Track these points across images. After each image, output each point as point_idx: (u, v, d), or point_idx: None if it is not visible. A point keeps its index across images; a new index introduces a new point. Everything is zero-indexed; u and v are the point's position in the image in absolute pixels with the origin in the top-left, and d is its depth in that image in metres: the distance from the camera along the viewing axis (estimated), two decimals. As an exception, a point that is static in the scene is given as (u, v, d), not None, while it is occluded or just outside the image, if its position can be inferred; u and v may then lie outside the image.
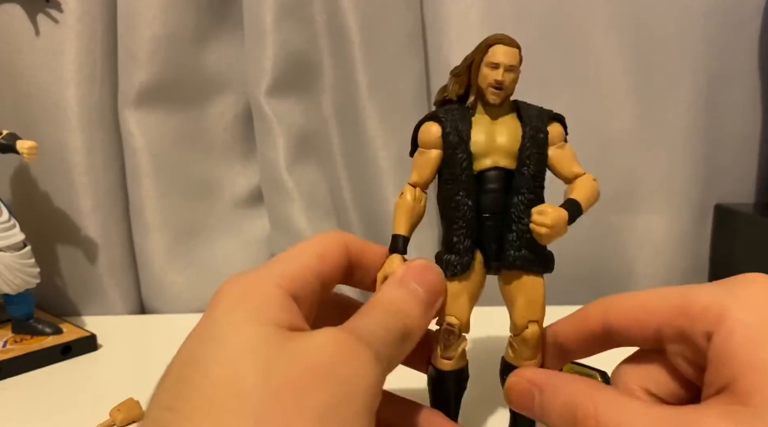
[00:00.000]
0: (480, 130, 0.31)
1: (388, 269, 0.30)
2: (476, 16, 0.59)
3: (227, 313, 0.24)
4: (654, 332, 0.26)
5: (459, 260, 0.30)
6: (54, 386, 0.46)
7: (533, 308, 0.31)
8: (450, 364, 0.32)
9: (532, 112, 0.31)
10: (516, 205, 0.30)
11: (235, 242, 0.65)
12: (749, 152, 0.65)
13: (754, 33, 0.62)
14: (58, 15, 0.55)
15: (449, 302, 0.31)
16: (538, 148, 0.30)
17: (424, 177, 0.31)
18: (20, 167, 0.59)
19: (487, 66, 0.30)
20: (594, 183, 0.31)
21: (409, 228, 0.31)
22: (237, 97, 0.64)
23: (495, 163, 0.30)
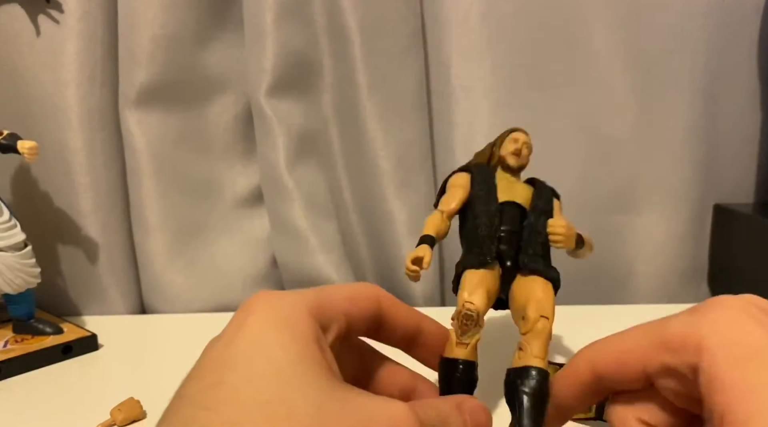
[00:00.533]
0: (501, 182, 0.37)
1: (418, 250, 0.34)
2: (476, 16, 0.59)
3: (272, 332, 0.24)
4: (640, 372, 0.26)
5: (483, 254, 0.34)
6: (55, 385, 0.46)
7: (545, 306, 0.32)
8: (464, 352, 0.32)
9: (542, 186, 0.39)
10: (529, 226, 0.35)
11: (235, 241, 0.65)
12: (749, 152, 0.65)
13: (754, 33, 0.62)
14: (58, 15, 0.56)
15: (470, 289, 0.33)
16: (544, 208, 0.37)
17: (450, 208, 0.36)
18: (21, 167, 0.59)
19: (509, 142, 0.39)
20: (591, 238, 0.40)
21: (435, 234, 0.35)
22: (237, 97, 0.64)
23: (514, 199, 0.36)
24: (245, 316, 0.25)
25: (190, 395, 0.22)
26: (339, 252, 0.63)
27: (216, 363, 0.23)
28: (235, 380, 0.22)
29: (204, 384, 0.22)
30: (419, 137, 0.62)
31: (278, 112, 0.60)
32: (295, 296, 0.26)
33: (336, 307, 0.28)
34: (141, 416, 0.40)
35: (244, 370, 0.22)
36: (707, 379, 0.23)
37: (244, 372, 0.22)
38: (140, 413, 0.40)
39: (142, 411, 0.40)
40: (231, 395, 0.21)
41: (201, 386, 0.22)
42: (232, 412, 0.20)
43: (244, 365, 0.22)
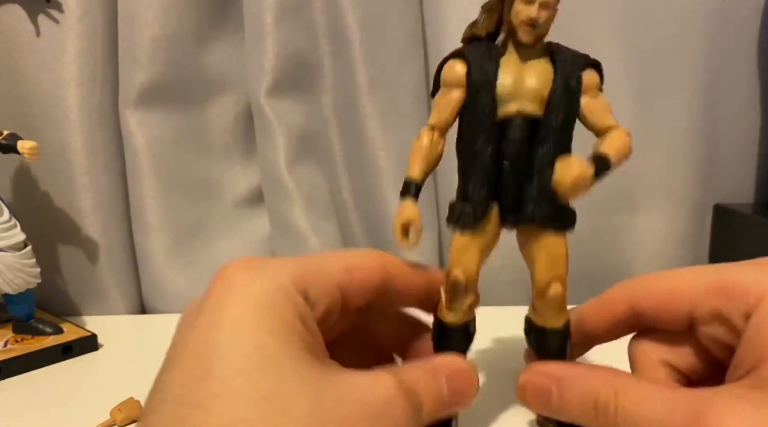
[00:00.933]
0: (508, 71, 0.28)
1: (403, 214, 0.28)
2: (476, 16, 0.59)
3: (257, 313, 0.22)
4: (686, 313, 0.25)
5: (473, 210, 0.28)
6: (54, 385, 0.46)
7: (555, 266, 0.28)
8: (454, 316, 0.30)
9: (566, 55, 0.29)
10: (540, 157, 0.28)
11: (235, 241, 0.65)
12: (749, 152, 0.65)
13: (754, 33, 0.62)
14: (58, 15, 0.56)
15: (458, 254, 0.29)
16: (569, 94, 0.28)
17: (443, 119, 0.29)
18: (21, 167, 0.59)
19: (521, 1, 0.27)
20: (627, 138, 0.29)
21: (422, 173, 0.29)
22: (237, 97, 0.64)
23: (520, 110, 0.28)
24: (225, 291, 0.23)
25: (175, 387, 0.21)
26: (339, 252, 0.63)
27: (199, 350, 0.21)
28: (224, 373, 0.20)
29: (190, 375, 0.21)
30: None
31: (278, 112, 0.60)
32: (278, 266, 0.25)
33: (328, 279, 0.26)
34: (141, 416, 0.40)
35: (233, 360, 0.21)
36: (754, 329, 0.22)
37: (233, 363, 0.21)
38: (140, 413, 0.40)
39: (142, 411, 0.40)
40: (222, 391, 0.20)
41: (187, 378, 0.21)
42: (227, 412, 0.19)
43: (232, 354, 0.21)
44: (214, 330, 0.22)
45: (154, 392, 0.21)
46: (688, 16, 0.59)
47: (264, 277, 0.24)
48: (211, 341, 0.22)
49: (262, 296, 0.23)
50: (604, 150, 0.27)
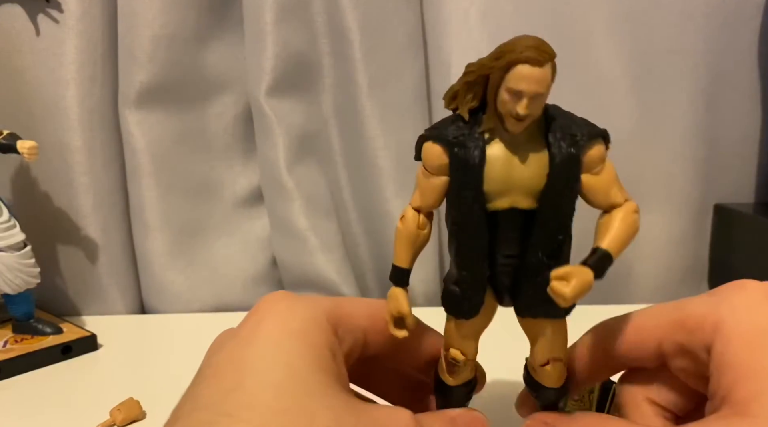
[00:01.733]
0: (496, 164, 0.24)
1: (392, 308, 0.27)
2: (476, 16, 0.59)
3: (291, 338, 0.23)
4: (655, 350, 0.26)
5: (468, 303, 0.27)
6: (54, 385, 0.46)
7: (554, 347, 0.27)
8: (455, 382, 0.29)
9: (563, 130, 0.24)
10: (534, 255, 0.25)
11: (235, 241, 0.65)
12: (749, 152, 0.65)
13: (754, 33, 0.62)
14: (58, 15, 0.56)
15: (455, 338, 0.28)
16: (567, 184, 0.24)
17: (427, 203, 0.26)
18: (21, 167, 0.59)
19: (507, 92, 0.23)
20: (634, 217, 0.26)
21: (410, 259, 0.27)
22: (237, 97, 0.64)
23: (513, 205, 0.25)
24: (262, 317, 0.24)
25: (206, 397, 0.21)
26: (339, 252, 0.63)
27: (233, 365, 0.22)
28: (254, 386, 0.21)
29: (221, 387, 0.22)
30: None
31: (278, 112, 0.60)
32: (313, 302, 0.26)
33: (355, 321, 0.27)
34: (140, 417, 0.40)
35: (264, 375, 0.22)
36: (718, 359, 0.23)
37: (264, 378, 0.21)
38: (140, 413, 0.40)
39: (142, 411, 0.40)
40: (250, 402, 0.21)
41: (218, 389, 0.21)
42: (252, 420, 0.20)
43: (264, 371, 0.22)
44: (248, 347, 0.23)
45: (183, 403, 0.22)
46: (689, 16, 0.59)
47: (300, 307, 0.25)
48: (244, 356, 0.23)
49: (296, 324, 0.24)
50: (604, 244, 0.24)
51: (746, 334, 0.23)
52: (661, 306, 0.27)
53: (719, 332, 0.23)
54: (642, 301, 0.66)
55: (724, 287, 0.25)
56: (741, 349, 0.23)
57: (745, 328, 0.23)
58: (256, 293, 0.64)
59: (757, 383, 0.22)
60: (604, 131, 0.25)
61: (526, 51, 0.23)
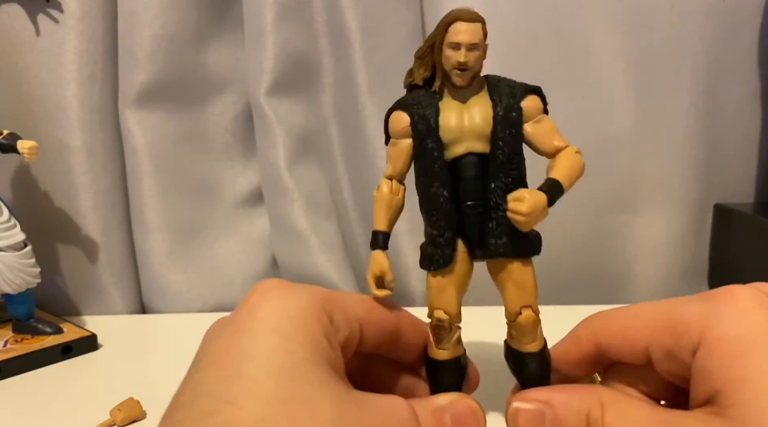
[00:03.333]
0: (449, 116, 0.29)
1: (375, 267, 0.30)
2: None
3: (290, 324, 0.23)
4: (643, 350, 0.27)
5: (441, 253, 0.29)
6: (54, 385, 0.46)
7: (524, 294, 0.29)
8: (446, 353, 0.31)
9: (502, 88, 0.29)
10: (493, 191, 0.29)
11: (235, 241, 0.65)
12: (749, 152, 0.65)
13: (754, 33, 0.62)
14: (58, 15, 0.56)
15: (435, 295, 0.30)
16: (510, 127, 0.28)
17: (398, 169, 0.31)
18: (21, 167, 0.59)
19: (448, 47, 0.28)
20: (577, 156, 0.29)
21: (388, 222, 0.31)
22: (237, 97, 0.64)
23: (468, 149, 0.29)
24: (256, 303, 0.24)
25: (207, 385, 0.21)
26: (339, 252, 0.63)
27: (232, 352, 0.22)
28: (255, 373, 0.21)
29: (222, 375, 0.21)
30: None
31: (278, 112, 0.60)
32: (308, 290, 0.26)
33: (350, 311, 0.27)
34: (141, 416, 0.40)
35: (264, 363, 0.22)
36: (700, 365, 0.24)
37: (264, 365, 0.21)
38: (140, 413, 0.40)
39: (142, 411, 0.40)
40: (252, 389, 0.21)
41: (219, 377, 0.21)
42: (255, 408, 0.20)
43: (264, 358, 0.22)
44: (246, 334, 0.23)
45: (182, 391, 0.22)
46: (689, 17, 0.59)
47: (296, 294, 0.25)
48: (242, 344, 0.23)
49: (293, 310, 0.24)
50: (554, 175, 0.28)
51: (730, 343, 0.23)
52: (652, 305, 0.28)
53: (704, 340, 0.24)
54: (642, 301, 0.65)
55: (715, 293, 0.26)
56: (725, 358, 0.23)
57: (730, 337, 0.23)
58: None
59: (738, 392, 0.22)
60: (537, 87, 0.30)
61: (460, 12, 0.28)
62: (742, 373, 0.22)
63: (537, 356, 0.30)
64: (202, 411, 0.20)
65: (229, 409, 0.20)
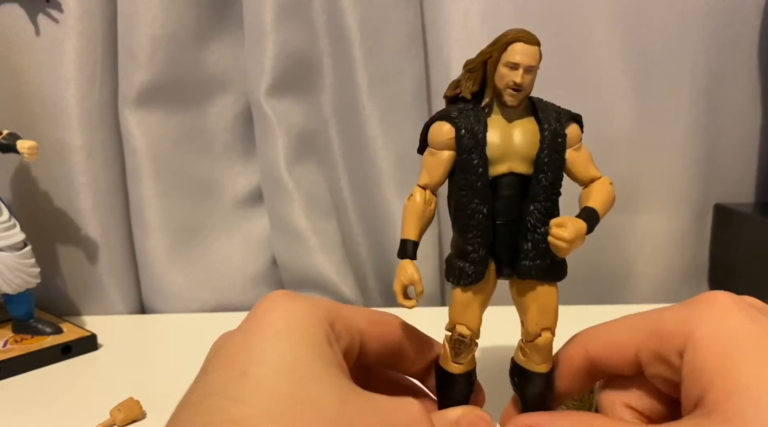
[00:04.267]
0: (496, 134, 0.29)
1: (403, 277, 0.29)
2: (476, 16, 0.59)
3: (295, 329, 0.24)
4: (633, 357, 0.28)
5: (473, 270, 0.29)
6: (54, 385, 0.46)
7: (547, 316, 0.30)
8: (460, 368, 0.31)
9: (549, 112, 0.29)
10: (532, 213, 0.29)
11: (235, 241, 0.65)
12: (749, 152, 0.65)
13: (754, 33, 0.62)
14: (58, 15, 0.56)
15: (460, 310, 0.30)
16: (556, 153, 0.29)
17: (435, 180, 0.30)
18: (21, 167, 0.59)
19: (505, 66, 0.28)
20: (610, 187, 0.30)
21: (418, 232, 0.30)
22: (237, 97, 0.64)
23: (511, 169, 0.29)
24: (265, 311, 0.25)
25: (215, 385, 0.22)
26: (339, 252, 0.63)
27: (239, 355, 0.23)
28: (262, 372, 0.22)
29: (230, 375, 0.22)
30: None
31: (278, 112, 0.60)
32: (313, 300, 0.27)
33: (351, 322, 0.28)
34: (140, 416, 0.40)
35: (269, 363, 0.22)
36: (689, 366, 0.25)
37: (271, 364, 0.22)
38: (140, 413, 0.40)
39: (142, 411, 0.40)
40: (258, 387, 0.21)
41: (226, 377, 0.22)
42: (261, 404, 0.21)
43: (269, 358, 0.23)
44: (253, 338, 0.24)
45: (192, 391, 0.23)
46: (688, 16, 0.59)
47: (300, 304, 0.26)
48: (249, 346, 0.24)
49: (299, 318, 0.25)
50: (593, 205, 0.29)
51: (714, 343, 0.24)
52: (639, 315, 0.29)
53: (690, 341, 0.25)
54: (642, 301, 0.66)
55: (696, 299, 0.27)
56: (710, 357, 0.24)
57: (713, 337, 0.25)
58: (256, 293, 0.64)
59: (724, 387, 0.23)
60: (579, 116, 0.30)
61: (520, 33, 0.28)
62: (724, 371, 0.23)
63: (545, 376, 0.31)
64: (209, 409, 0.21)
65: (235, 405, 0.21)
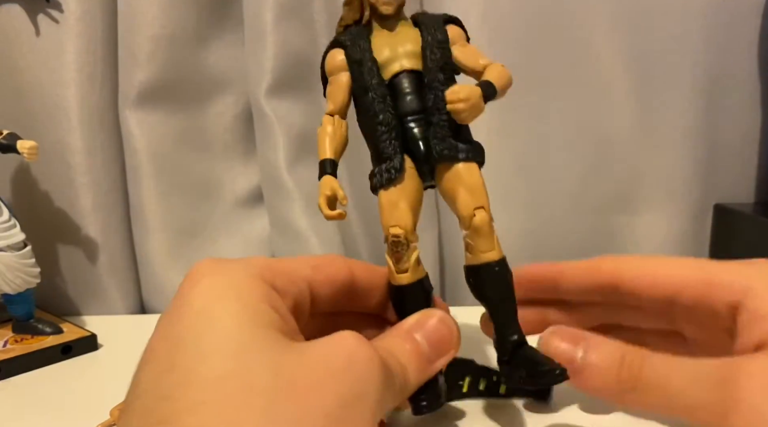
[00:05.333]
0: (381, 43, 0.31)
1: (326, 190, 0.30)
2: (476, 16, 0.59)
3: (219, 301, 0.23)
4: (669, 296, 0.28)
5: (390, 164, 0.30)
6: (54, 385, 0.46)
7: (476, 195, 0.30)
8: (408, 276, 0.30)
9: (427, 17, 0.32)
10: (432, 101, 0.30)
11: (235, 241, 0.65)
12: (749, 152, 0.65)
13: (754, 33, 0.62)
14: (58, 15, 0.56)
15: (388, 212, 0.30)
16: (439, 43, 0.30)
17: (338, 103, 0.31)
18: (21, 167, 0.59)
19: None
20: (504, 68, 0.31)
21: (334, 152, 0.32)
22: (237, 97, 0.64)
23: (402, 67, 0.31)
24: (189, 287, 0.24)
25: (144, 383, 0.21)
26: (339, 252, 0.63)
27: (165, 344, 0.22)
28: (187, 362, 0.21)
29: (157, 370, 0.21)
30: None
31: (278, 112, 0.60)
32: (244, 262, 0.26)
33: (294, 273, 0.27)
34: (141, 416, 0.40)
35: (194, 349, 0.21)
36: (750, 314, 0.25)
37: (194, 352, 0.21)
38: (140, 413, 0.40)
39: (132, 411, 0.40)
40: (184, 379, 0.20)
41: (154, 373, 0.21)
42: (189, 396, 0.19)
43: (194, 344, 0.21)
44: (178, 322, 0.23)
45: (128, 392, 0.22)
46: (689, 16, 0.59)
47: (229, 271, 0.25)
48: (174, 333, 0.22)
49: (224, 286, 0.23)
50: (484, 78, 0.30)
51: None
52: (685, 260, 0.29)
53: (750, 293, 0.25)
54: (642, 301, 0.66)
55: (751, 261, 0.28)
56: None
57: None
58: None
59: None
60: (456, 17, 0.32)
61: None
62: None
63: (498, 264, 0.29)
64: (141, 411, 0.20)
65: (164, 405, 0.20)
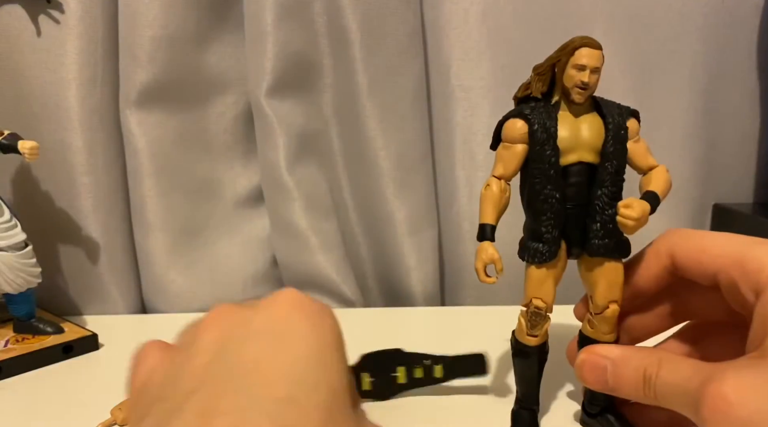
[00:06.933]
0: (565, 127, 0.33)
1: (484, 256, 0.32)
2: (476, 16, 0.59)
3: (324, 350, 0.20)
4: (712, 274, 0.29)
5: (547, 249, 0.33)
6: (55, 385, 0.46)
7: (614, 290, 0.33)
8: (536, 340, 0.35)
9: (612, 108, 0.34)
10: (600, 197, 0.33)
11: (235, 241, 0.65)
12: (748, 152, 0.65)
13: (753, 33, 0.62)
14: (59, 16, 0.56)
15: (535, 286, 0.34)
16: (619, 143, 0.33)
17: (509, 170, 0.34)
18: (22, 167, 0.59)
19: (573, 68, 0.32)
20: (667, 174, 0.34)
21: (495, 217, 0.33)
22: (237, 97, 0.64)
23: (580, 159, 0.33)
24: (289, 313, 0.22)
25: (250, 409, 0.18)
26: (339, 252, 0.63)
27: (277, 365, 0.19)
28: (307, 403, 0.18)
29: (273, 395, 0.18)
30: (419, 137, 0.62)
31: (278, 112, 0.60)
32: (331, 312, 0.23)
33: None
34: (141, 416, 0.40)
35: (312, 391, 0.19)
36: (763, 308, 0.25)
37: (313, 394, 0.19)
38: (141, 412, 0.40)
39: None
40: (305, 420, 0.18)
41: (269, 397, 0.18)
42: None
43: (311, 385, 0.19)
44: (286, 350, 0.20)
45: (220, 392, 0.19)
46: (688, 17, 0.59)
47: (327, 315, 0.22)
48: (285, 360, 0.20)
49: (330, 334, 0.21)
50: (652, 188, 0.33)
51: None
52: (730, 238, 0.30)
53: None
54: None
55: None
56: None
57: None
58: (257, 292, 0.64)
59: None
60: (636, 111, 0.34)
61: (586, 39, 0.32)
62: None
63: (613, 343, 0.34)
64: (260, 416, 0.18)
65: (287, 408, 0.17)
